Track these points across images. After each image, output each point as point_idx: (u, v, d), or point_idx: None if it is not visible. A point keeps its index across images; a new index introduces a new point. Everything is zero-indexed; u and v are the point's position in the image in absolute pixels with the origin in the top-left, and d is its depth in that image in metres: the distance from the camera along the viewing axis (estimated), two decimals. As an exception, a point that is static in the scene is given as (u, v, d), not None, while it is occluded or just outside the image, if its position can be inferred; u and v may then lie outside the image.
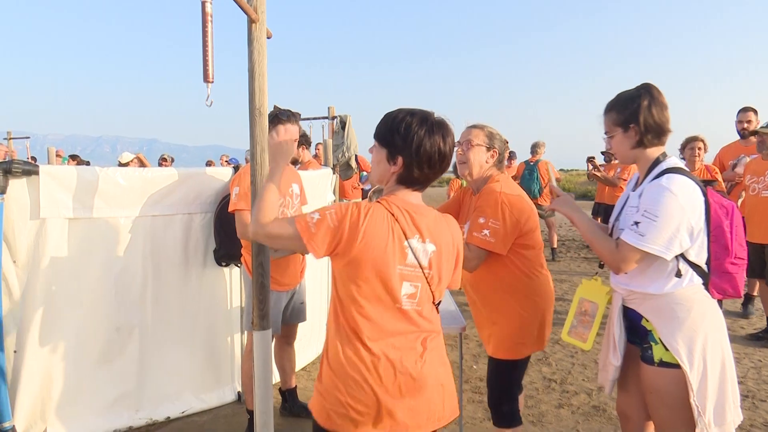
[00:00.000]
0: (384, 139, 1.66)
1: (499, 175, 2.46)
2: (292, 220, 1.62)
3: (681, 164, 1.97)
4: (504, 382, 2.48)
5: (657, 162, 1.98)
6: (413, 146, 1.60)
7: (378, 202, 1.64)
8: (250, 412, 3.16)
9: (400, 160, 1.62)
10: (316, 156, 6.65)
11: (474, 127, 2.48)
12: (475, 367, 4.38)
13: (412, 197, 1.68)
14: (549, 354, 4.67)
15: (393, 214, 1.60)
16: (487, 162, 2.46)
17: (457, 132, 2.51)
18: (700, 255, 1.93)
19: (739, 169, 5.34)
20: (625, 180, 8.34)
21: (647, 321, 1.99)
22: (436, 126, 1.63)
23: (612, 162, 8.98)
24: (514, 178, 8.96)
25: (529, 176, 8.74)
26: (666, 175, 1.89)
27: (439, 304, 1.74)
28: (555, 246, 8.98)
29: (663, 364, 1.94)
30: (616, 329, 2.10)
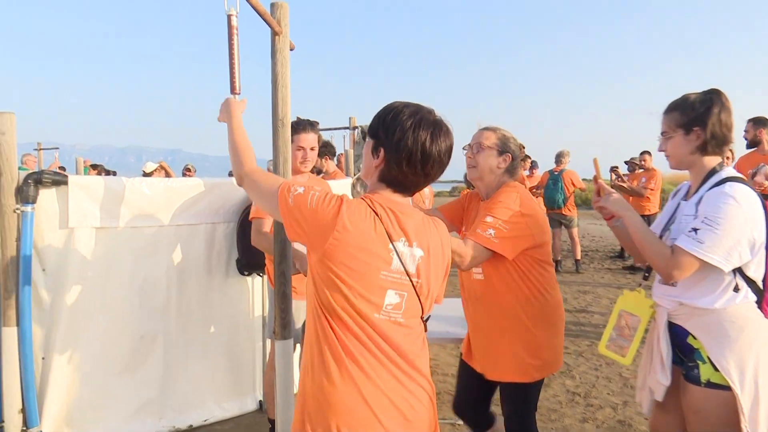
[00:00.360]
0: (372, 128, 1.51)
1: (514, 183, 2.29)
2: (279, 180, 1.51)
3: (740, 175, 1.88)
4: (519, 406, 2.31)
5: (714, 171, 1.90)
6: (394, 139, 1.42)
7: (361, 198, 1.48)
8: (272, 422, 3.15)
9: (381, 153, 1.46)
10: (338, 166, 6.71)
11: (486, 129, 2.30)
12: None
13: (396, 197, 1.50)
14: (573, 367, 4.58)
15: (376, 213, 1.42)
16: (499, 167, 2.25)
17: (469, 137, 2.42)
18: (758, 270, 1.83)
19: (759, 178, 5.23)
20: (652, 189, 8.20)
21: (694, 338, 1.88)
22: (425, 122, 1.44)
23: (635, 171, 8.85)
24: (538, 187, 8.88)
25: (553, 186, 8.61)
26: (728, 183, 1.81)
27: (427, 320, 1.55)
28: (578, 258, 8.81)
29: (711, 384, 1.82)
30: (664, 346, 1.96)
